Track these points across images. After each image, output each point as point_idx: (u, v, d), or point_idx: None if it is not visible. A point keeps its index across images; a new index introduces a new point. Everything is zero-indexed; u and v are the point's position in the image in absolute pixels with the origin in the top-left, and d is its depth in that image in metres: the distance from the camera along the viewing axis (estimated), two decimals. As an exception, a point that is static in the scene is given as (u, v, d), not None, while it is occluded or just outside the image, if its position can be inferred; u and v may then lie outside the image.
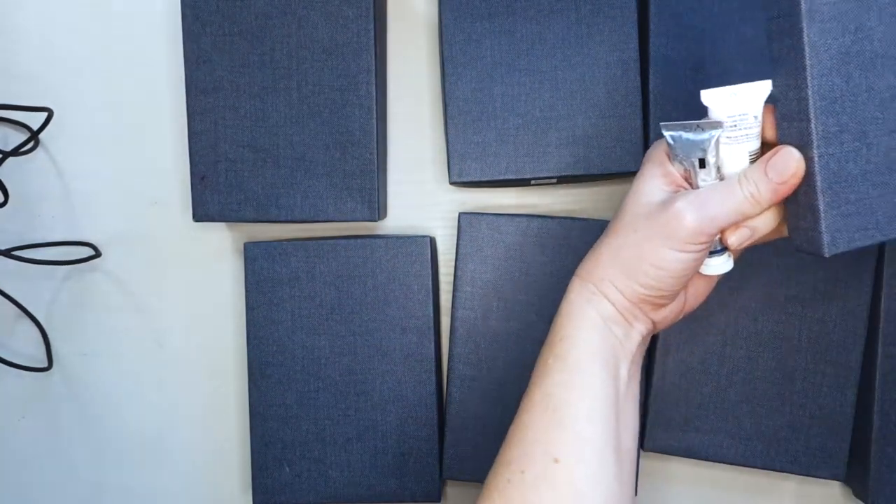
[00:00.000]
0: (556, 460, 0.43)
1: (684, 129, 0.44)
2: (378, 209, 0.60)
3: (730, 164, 0.44)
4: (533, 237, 0.60)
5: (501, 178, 0.60)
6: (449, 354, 0.61)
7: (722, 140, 0.43)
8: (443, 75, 0.61)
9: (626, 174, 0.61)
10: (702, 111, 0.47)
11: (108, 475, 0.69)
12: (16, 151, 0.64)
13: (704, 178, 0.44)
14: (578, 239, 0.60)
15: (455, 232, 0.62)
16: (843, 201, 0.41)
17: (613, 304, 0.46)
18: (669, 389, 0.60)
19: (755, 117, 0.43)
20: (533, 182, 0.62)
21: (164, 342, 0.68)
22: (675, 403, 0.60)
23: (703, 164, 0.43)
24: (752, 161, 0.43)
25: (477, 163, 0.60)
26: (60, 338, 0.68)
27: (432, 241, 0.64)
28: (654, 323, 0.47)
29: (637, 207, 0.45)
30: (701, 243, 0.43)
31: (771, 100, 0.44)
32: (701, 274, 0.47)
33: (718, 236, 0.45)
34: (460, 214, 0.61)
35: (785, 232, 0.45)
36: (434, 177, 0.66)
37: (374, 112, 0.60)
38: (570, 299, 0.47)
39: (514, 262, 0.61)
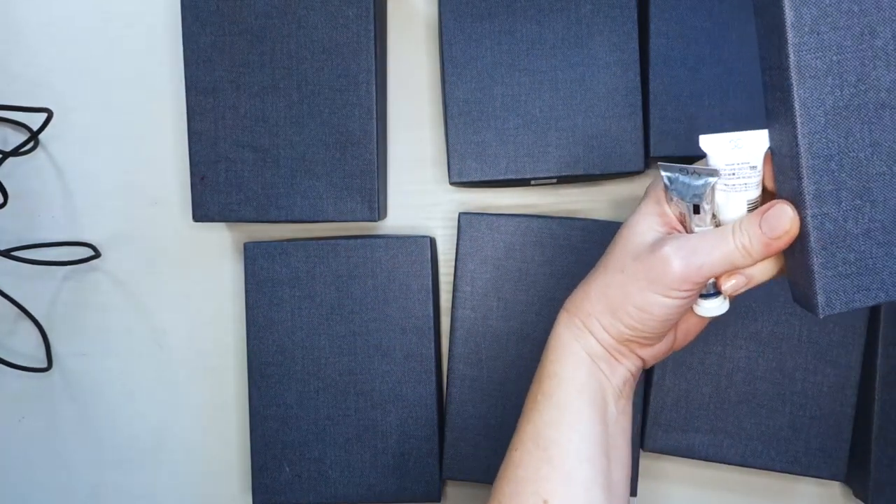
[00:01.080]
0: (545, 502, 0.43)
1: (681, 171, 0.42)
2: (378, 209, 0.60)
3: (726, 212, 0.42)
4: (533, 237, 0.60)
5: (501, 178, 0.60)
6: (449, 354, 0.61)
7: (719, 187, 0.41)
8: (443, 75, 0.61)
9: (626, 174, 0.61)
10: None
11: (108, 475, 0.69)
12: (16, 151, 0.64)
13: (698, 223, 0.42)
14: (578, 239, 0.60)
15: (455, 232, 0.62)
16: (841, 261, 0.39)
17: (599, 342, 0.45)
18: (669, 389, 0.60)
19: (753, 167, 0.41)
20: (533, 182, 0.62)
21: (164, 342, 0.68)
22: (675, 403, 0.60)
23: (697, 209, 0.42)
24: (751, 209, 0.42)
25: (477, 163, 0.60)
26: (60, 338, 0.68)
27: (432, 241, 0.64)
28: (642, 360, 0.46)
29: (627, 245, 0.44)
30: (687, 290, 0.41)
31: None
32: (693, 313, 0.45)
33: (713, 280, 0.43)
34: (460, 214, 0.61)
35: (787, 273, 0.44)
36: (434, 177, 0.66)
37: (374, 112, 0.60)
38: (558, 333, 0.46)
39: (514, 262, 0.61)
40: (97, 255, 0.67)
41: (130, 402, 0.68)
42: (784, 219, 0.39)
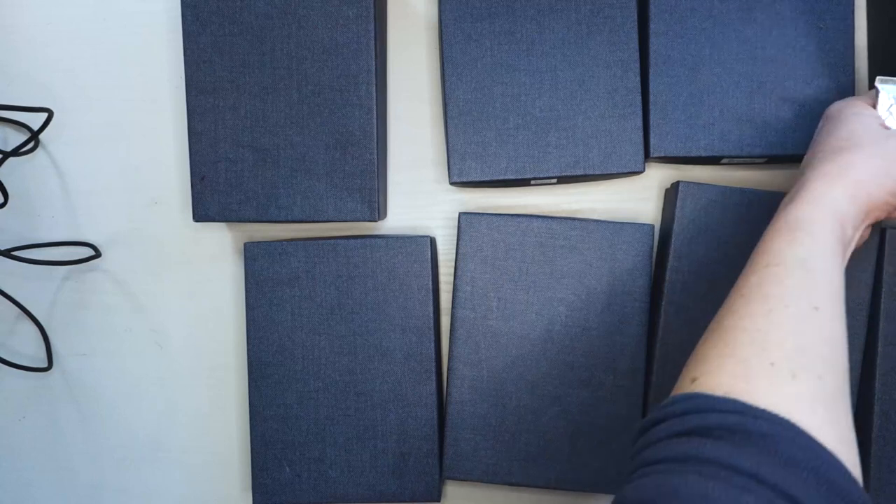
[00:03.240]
0: (816, 308, 0.41)
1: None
2: (378, 209, 0.60)
3: None
4: (533, 237, 0.60)
5: (501, 178, 0.60)
6: (449, 354, 0.61)
7: None
8: (443, 75, 0.61)
9: (626, 174, 0.61)
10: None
11: (108, 475, 0.69)
12: (16, 151, 0.64)
13: None
14: (578, 239, 0.60)
15: (455, 232, 0.62)
16: None
17: (858, 207, 0.46)
18: (670, 390, 0.60)
19: None
20: (533, 182, 0.62)
21: (164, 342, 0.68)
22: (675, 403, 0.60)
23: None
24: None
25: (477, 163, 0.60)
26: (60, 338, 0.68)
27: (432, 241, 0.64)
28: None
29: (871, 129, 0.49)
30: None
31: None
32: None
33: None
34: (460, 214, 0.61)
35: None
36: (434, 177, 0.66)
37: (374, 112, 0.60)
38: (814, 186, 0.46)
39: (514, 262, 0.61)
40: (97, 255, 0.67)
41: (130, 402, 0.68)
42: None
